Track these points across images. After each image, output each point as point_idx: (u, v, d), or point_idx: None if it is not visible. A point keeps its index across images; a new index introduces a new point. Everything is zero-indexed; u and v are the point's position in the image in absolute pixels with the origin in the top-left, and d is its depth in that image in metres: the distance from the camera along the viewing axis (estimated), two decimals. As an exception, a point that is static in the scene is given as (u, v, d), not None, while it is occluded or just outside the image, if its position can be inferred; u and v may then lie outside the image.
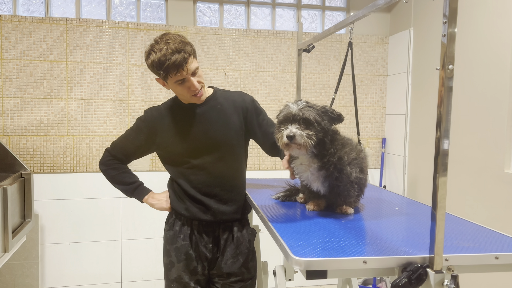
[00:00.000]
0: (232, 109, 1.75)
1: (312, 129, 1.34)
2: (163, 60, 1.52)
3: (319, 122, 1.35)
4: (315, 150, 1.41)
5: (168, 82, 1.61)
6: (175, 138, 1.69)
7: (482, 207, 2.53)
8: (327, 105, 1.44)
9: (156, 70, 1.57)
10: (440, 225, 0.99)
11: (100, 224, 3.19)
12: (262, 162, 3.42)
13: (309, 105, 1.40)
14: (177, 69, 1.54)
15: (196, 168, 1.70)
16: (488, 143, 2.49)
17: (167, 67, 1.53)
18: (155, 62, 1.54)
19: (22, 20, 3.01)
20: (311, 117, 1.33)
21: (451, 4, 0.95)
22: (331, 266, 1.04)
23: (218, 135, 1.70)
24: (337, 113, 1.42)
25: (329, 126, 1.41)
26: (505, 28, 2.36)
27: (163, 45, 1.54)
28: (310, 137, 1.33)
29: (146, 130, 1.72)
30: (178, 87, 1.62)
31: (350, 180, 1.46)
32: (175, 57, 1.52)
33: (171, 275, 1.75)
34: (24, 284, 3.03)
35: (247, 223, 1.85)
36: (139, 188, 1.82)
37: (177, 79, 1.57)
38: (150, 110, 1.76)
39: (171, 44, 1.53)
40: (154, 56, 1.54)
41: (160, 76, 1.59)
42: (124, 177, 1.80)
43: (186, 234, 1.74)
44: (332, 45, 3.53)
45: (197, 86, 1.61)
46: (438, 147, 0.98)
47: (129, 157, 1.80)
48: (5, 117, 3.03)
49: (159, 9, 3.36)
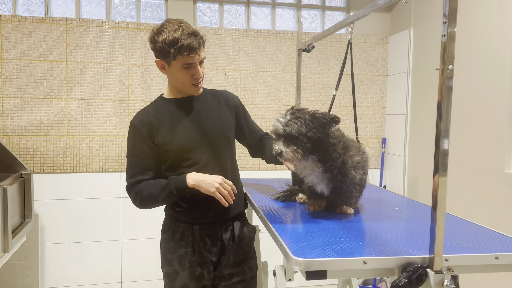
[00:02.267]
0: (223, 104, 1.74)
1: (298, 143, 1.37)
2: (178, 38, 1.47)
3: (304, 133, 1.36)
4: (314, 156, 1.41)
5: (173, 64, 1.53)
6: (173, 134, 1.63)
7: (482, 207, 2.53)
8: (318, 110, 1.41)
9: (167, 48, 1.48)
10: (440, 225, 0.99)
11: (100, 224, 3.19)
12: (262, 162, 3.41)
13: (297, 115, 1.39)
14: (191, 51, 1.49)
15: (198, 165, 1.64)
16: (488, 143, 2.49)
17: (181, 47, 1.47)
18: (168, 39, 1.47)
19: (22, 20, 3.01)
20: (294, 131, 1.36)
21: (451, 4, 0.95)
22: (331, 267, 1.04)
23: (214, 128, 1.67)
24: (329, 117, 1.39)
25: (321, 133, 1.39)
26: (505, 28, 2.36)
27: (177, 26, 1.49)
28: (296, 151, 1.37)
29: (145, 137, 1.61)
30: (181, 72, 1.55)
31: (353, 183, 1.46)
32: (192, 39, 1.48)
33: (176, 284, 1.68)
34: (24, 284, 3.03)
35: (246, 220, 1.84)
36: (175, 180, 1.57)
37: (186, 61, 1.51)
38: (137, 116, 1.64)
39: (186, 27, 1.50)
40: (167, 34, 1.48)
41: (168, 55, 1.50)
42: (153, 187, 1.58)
43: (188, 241, 1.68)
44: (332, 45, 3.53)
45: (201, 74, 1.58)
46: (438, 147, 0.98)
47: (150, 172, 1.62)
48: (5, 117, 3.03)
49: (159, 9, 3.36)
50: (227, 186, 1.56)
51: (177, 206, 1.69)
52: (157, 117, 1.64)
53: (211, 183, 1.53)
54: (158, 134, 1.62)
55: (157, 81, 3.24)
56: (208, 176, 1.55)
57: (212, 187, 1.52)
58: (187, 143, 1.63)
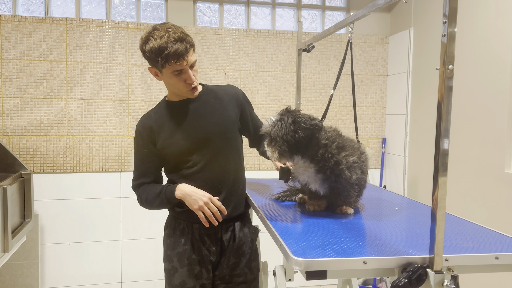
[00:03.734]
0: (226, 102, 1.73)
1: (276, 144, 1.46)
2: (164, 47, 1.46)
3: (281, 136, 1.46)
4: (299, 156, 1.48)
5: (163, 72, 1.54)
6: (172, 138, 1.65)
7: (482, 207, 2.53)
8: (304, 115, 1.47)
9: (155, 57, 1.49)
10: (440, 225, 0.99)
11: (100, 224, 3.19)
12: (262, 162, 3.41)
13: (282, 117, 1.48)
14: (178, 58, 1.48)
15: (198, 166, 1.66)
16: (488, 143, 2.49)
17: (167, 55, 1.47)
18: (154, 48, 1.47)
19: (22, 20, 3.01)
20: (273, 133, 1.47)
21: (451, 4, 0.95)
22: (331, 267, 1.04)
23: (214, 129, 1.67)
24: (310, 123, 1.43)
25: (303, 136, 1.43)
26: (505, 28, 2.36)
27: (163, 33, 1.48)
28: (273, 151, 1.48)
29: (146, 140, 1.66)
30: (173, 78, 1.55)
31: (349, 183, 1.46)
32: (177, 45, 1.47)
33: (175, 280, 1.71)
34: (24, 284, 3.03)
35: (248, 221, 1.83)
36: (167, 189, 1.64)
37: (176, 69, 1.51)
38: (140, 121, 1.70)
39: (172, 33, 1.48)
40: (153, 42, 1.47)
41: (157, 64, 1.51)
42: (150, 193, 1.66)
43: (188, 239, 1.70)
44: (332, 45, 3.53)
45: (193, 79, 1.57)
46: (438, 147, 0.98)
47: (151, 175, 1.70)
48: (5, 117, 3.03)
49: (159, 9, 3.36)
50: (213, 206, 1.59)
51: (178, 206, 1.71)
52: (157, 122, 1.67)
53: (196, 199, 1.57)
54: (159, 138, 1.66)
55: (157, 81, 3.24)
56: (196, 192, 1.59)
57: (196, 204, 1.57)
58: (186, 146, 1.65)
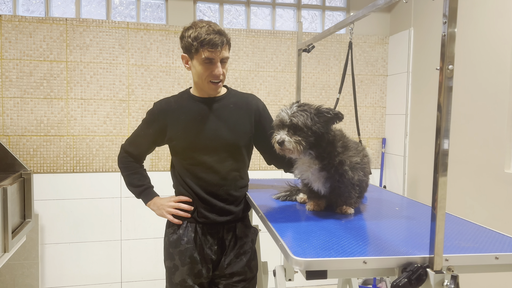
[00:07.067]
0: (244, 111, 1.74)
1: (301, 134, 1.37)
2: (203, 33, 1.57)
3: (310, 126, 1.37)
4: (313, 152, 1.41)
5: (195, 58, 1.62)
6: (184, 132, 1.68)
7: (482, 207, 2.53)
8: (322, 105, 1.42)
9: (191, 42, 1.59)
10: (440, 225, 0.99)
11: (100, 224, 3.19)
12: (262, 162, 3.41)
13: (302, 108, 1.39)
14: (212, 46, 1.57)
15: (202, 166, 1.69)
16: (488, 143, 2.49)
17: (203, 41, 1.56)
18: (193, 35, 1.58)
19: (22, 20, 3.01)
20: (300, 122, 1.36)
21: (451, 4, 0.95)
22: (331, 266, 1.04)
23: (227, 135, 1.69)
24: (333, 112, 1.39)
25: (324, 128, 1.39)
26: (505, 28, 2.36)
27: (205, 24, 1.60)
28: (300, 142, 1.37)
29: (156, 123, 1.73)
30: (202, 66, 1.62)
31: (351, 183, 1.46)
32: (216, 36, 1.57)
33: (175, 278, 1.73)
34: (24, 284, 3.03)
35: (248, 222, 1.86)
36: (145, 192, 1.81)
37: (208, 56, 1.58)
38: (159, 103, 1.76)
39: (214, 26, 1.60)
40: (194, 30, 1.59)
41: (191, 48, 1.59)
42: (134, 178, 1.81)
43: (190, 237, 1.72)
44: (332, 45, 3.53)
45: (221, 72, 1.63)
46: (438, 147, 0.98)
47: (142, 151, 1.82)
48: (5, 117, 3.03)
49: (159, 9, 3.36)
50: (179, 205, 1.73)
51: None
52: (175, 111, 1.71)
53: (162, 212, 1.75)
54: (172, 127, 1.70)
55: (157, 81, 3.24)
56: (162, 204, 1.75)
57: (162, 215, 1.75)
58: (194, 144, 1.68)
